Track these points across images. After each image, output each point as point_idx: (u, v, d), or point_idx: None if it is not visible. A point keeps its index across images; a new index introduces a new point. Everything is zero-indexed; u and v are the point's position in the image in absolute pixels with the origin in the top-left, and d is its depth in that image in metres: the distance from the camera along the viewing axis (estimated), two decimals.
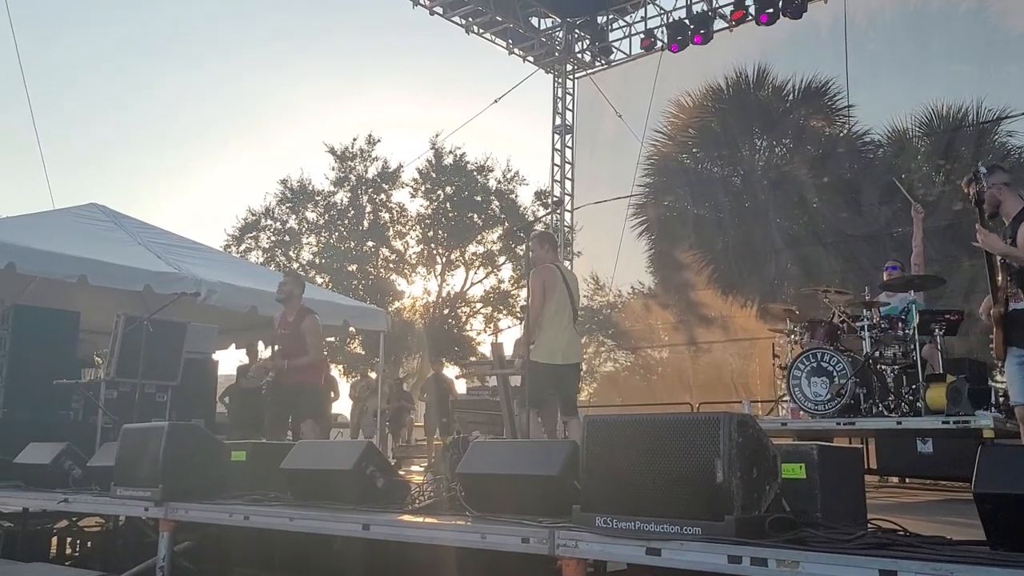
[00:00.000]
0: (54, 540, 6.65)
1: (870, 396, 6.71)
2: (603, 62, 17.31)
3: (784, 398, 7.40)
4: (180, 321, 7.79)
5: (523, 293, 23.45)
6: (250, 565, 4.61)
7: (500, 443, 5.08)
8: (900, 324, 6.82)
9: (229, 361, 19.19)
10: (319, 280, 21.48)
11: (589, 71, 17.40)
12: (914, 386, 6.56)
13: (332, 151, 23.56)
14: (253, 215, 23.61)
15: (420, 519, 3.50)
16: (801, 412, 6.99)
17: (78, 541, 6.67)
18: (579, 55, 17.49)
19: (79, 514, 5.96)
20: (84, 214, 9.60)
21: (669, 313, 15.86)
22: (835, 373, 6.81)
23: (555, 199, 17.30)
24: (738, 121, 15.50)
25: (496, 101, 16.86)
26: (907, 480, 8.66)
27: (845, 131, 14.28)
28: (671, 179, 16.32)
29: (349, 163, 23.58)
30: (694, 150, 16.31)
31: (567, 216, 17.30)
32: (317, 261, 23.33)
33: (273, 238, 23.68)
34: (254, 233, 23.58)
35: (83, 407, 7.57)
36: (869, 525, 3.02)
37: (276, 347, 7.11)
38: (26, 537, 6.07)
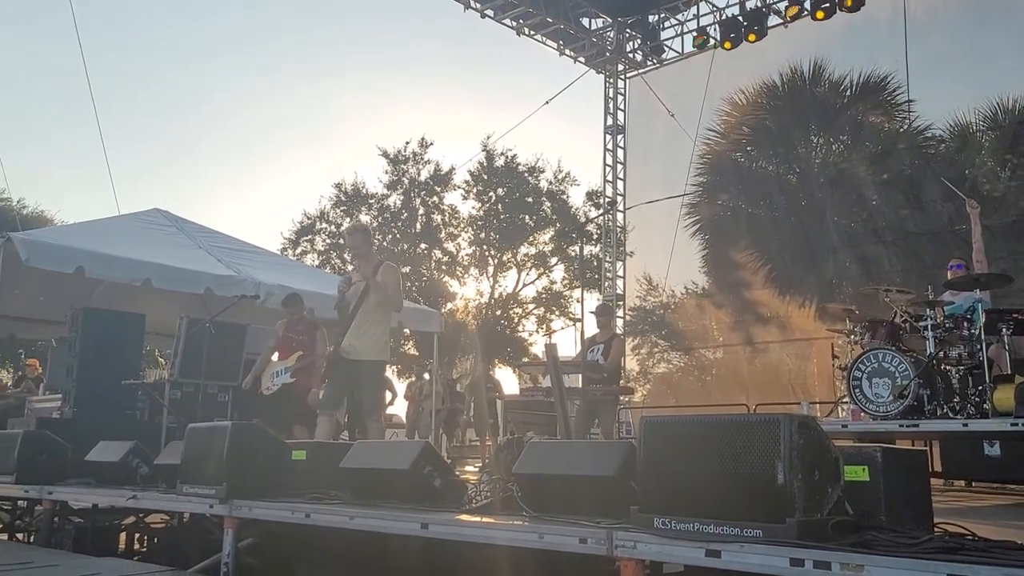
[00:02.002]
0: (122, 536, 6.86)
1: (934, 397, 6.54)
2: (655, 61, 17.19)
3: (844, 399, 7.26)
4: (240, 323, 7.97)
5: (576, 294, 23.48)
6: (310, 562, 4.69)
7: (556, 443, 5.08)
8: (965, 324, 6.63)
9: None
10: None
11: (641, 71, 17.30)
12: (980, 387, 6.38)
13: (385, 155, 23.86)
14: (308, 219, 24.03)
15: (478, 519, 3.52)
16: (862, 414, 6.84)
17: (145, 537, 6.86)
18: (630, 55, 17.40)
19: (146, 510, 6.12)
20: (148, 219, 9.87)
21: (724, 313, 15.68)
22: (897, 374, 6.65)
23: (607, 199, 17.23)
24: (794, 118, 15.26)
25: (547, 103, 16.89)
26: (973, 484, 8.42)
27: (905, 126, 13.96)
28: (725, 178, 16.14)
29: (402, 166, 23.84)
30: (748, 148, 16.10)
31: (619, 216, 17.22)
32: None
33: (328, 241, 24.08)
34: (309, 236, 24.01)
35: (149, 407, 7.79)
36: (936, 529, 2.95)
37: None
38: (96, 532, 6.26)
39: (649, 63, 17.27)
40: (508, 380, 27.35)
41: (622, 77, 17.48)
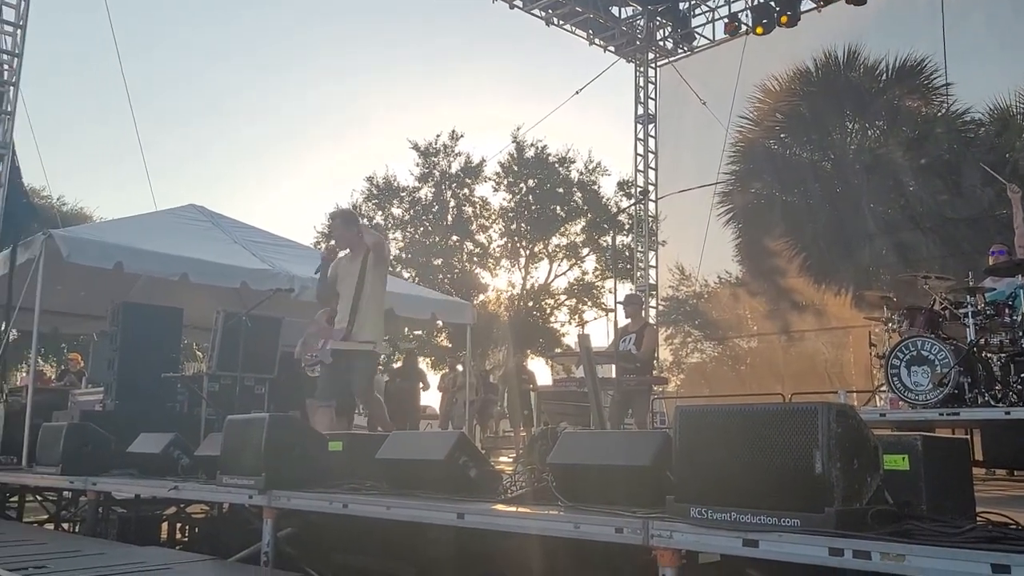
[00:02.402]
0: (164, 526, 6.99)
1: (975, 385, 6.44)
2: (685, 49, 17.04)
3: (882, 388, 7.17)
4: (276, 316, 8.05)
5: (608, 284, 23.43)
6: (348, 551, 4.74)
7: (591, 434, 5.08)
8: (1007, 310, 6.52)
9: None
10: (405, 275, 21.86)
11: (671, 59, 17.15)
12: (1023, 375, 6.27)
13: (416, 147, 23.93)
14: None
15: (513, 509, 3.53)
16: (900, 402, 6.76)
17: (186, 527, 6.98)
18: (661, 43, 17.26)
19: (187, 501, 6.24)
20: (184, 215, 10.00)
21: (758, 302, 15.54)
22: (937, 362, 6.55)
23: (639, 189, 17.14)
24: (828, 104, 15.04)
25: (577, 92, 16.80)
26: (1015, 472, 8.28)
27: (943, 110, 13.69)
28: (758, 165, 15.96)
29: (433, 159, 23.90)
30: (782, 135, 15.91)
31: (651, 206, 17.13)
32: (403, 256, 23.74)
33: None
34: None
35: (187, 399, 7.91)
36: (978, 518, 2.91)
37: None
38: (139, 522, 6.39)
39: (680, 51, 17.13)
40: (541, 371, 27.36)
41: (652, 66, 17.35)
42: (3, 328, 8.47)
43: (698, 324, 17.47)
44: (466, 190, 24.10)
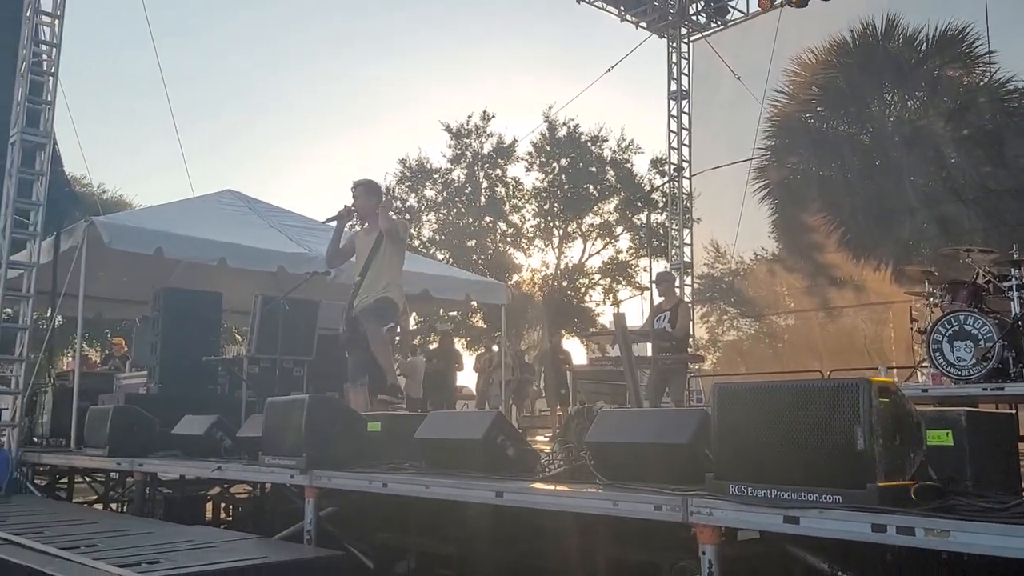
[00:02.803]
0: (208, 506, 7.14)
1: (1020, 359, 6.32)
2: (719, 23, 16.75)
3: (924, 364, 7.06)
4: (313, 299, 8.13)
5: (642, 263, 23.30)
6: (388, 530, 4.80)
7: (629, 412, 5.08)
8: None
9: None
10: (439, 256, 21.94)
11: (704, 33, 16.88)
12: None
13: (448, 129, 23.93)
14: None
15: (551, 487, 3.55)
16: (943, 378, 6.65)
17: (230, 507, 7.12)
18: (693, 17, 16.98)
19: (230, 481, 6.36)
20: (221, 200, 10.13)
21: (795, 278, 15.34)
22: (980, 336, 6.43)
23: (673, 166, 16.96)
24: (866, 76, 14.72)
25: (609, 70, 16.62)
26: None
27: (985, 80, 13.32)
28: (794, 140, 15.70)
29: (465, 140, 23.89)
30: (818, 109, 15.62)
31: (685, 183, 16.96)
32: (437, 238, 23.81)
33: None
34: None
35: (228, 381, 8.02)
36: None
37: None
38: (184, 502, 6.54)
39: (713, 25, 16.85)
40: (576, 350, 27.35)
41: (685, 41, 17.09)
42: (49, 314, 8.66)
43: (734, 302, 17.30)
44: (498, 171, 24.07)
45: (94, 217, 8.10)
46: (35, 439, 8.17)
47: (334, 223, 6.46)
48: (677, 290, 10.86)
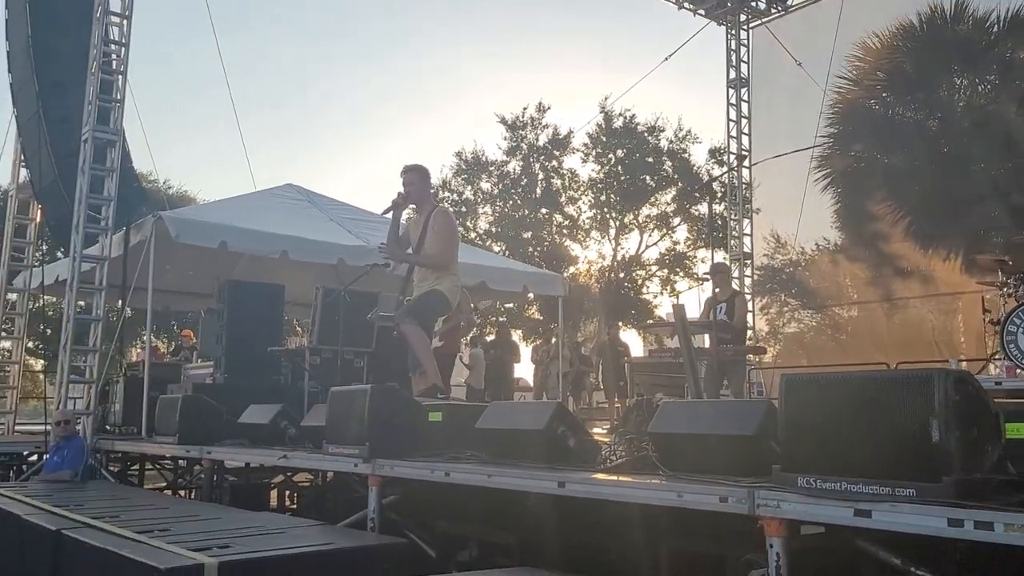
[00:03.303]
0: (272, 493, 7.30)
1: None
2: (779, 9, 16.43)
3: (997, 356, 6.85)
4: (372, 291, 8.22)
5: (700, 254, 23.01)
6: (448, 518, 4.84)
7: (692, 403, 5.03)
8: None
9: None
10: (496, 248, 21.99)
11: (764, 19, 16.58)
12: None
13: (503, 121, 23.94)
14: (431, 188, 24.45)
15: (614, 477, 3.54)
16: (1018, 370, 6.44)
17: (293, 494, 7.27)
18: (753, 3, 16.69)
19: (295, 469, 6.49)
20: (282, 194, 10.31)
21: (859, 269, 14.98)
22: None
23: (735, 155, 16.70)
24: (934, 60, 14.27)
25: (667, 59, 16.44)
26: None
27: None
28: (858, 127, 15.31)
29: (520, 132, 23.88)
30: (883, 95, 15.20)
31: (744, 172, 16.69)
32: (493, 230, 23.88)
33: (452, 210, 24.47)
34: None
35: (291, 372, 8.17)
36: None
37: None
38: (249, 489, 6.69)
39: (773, 11, 16.53)
40: (633, 342, 27.17)
41: (744, 28, 16.81)
42: (120, 306, 8.92)
43: (795, 293, 16.98)
44: (554, 162, 24.01)
45: (162, 212, 8.31)
46: (107, 427, 8.44)
47: (390, 215, 6.47)
48: (734, 281, 10.71)
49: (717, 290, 8.56)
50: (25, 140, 10.56)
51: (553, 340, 14.27)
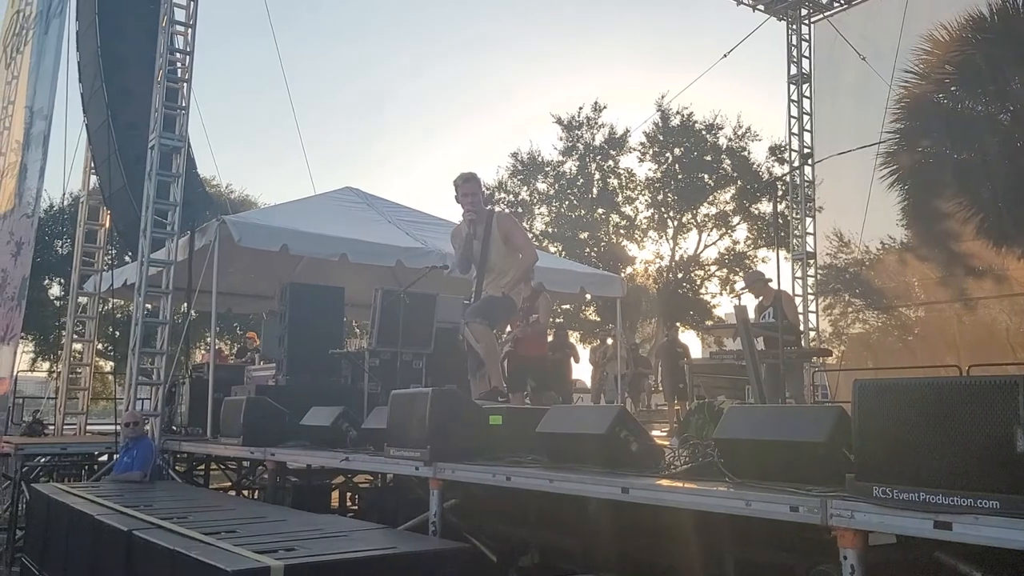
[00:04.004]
0: (334, 494, 7.37)
1: None
2: (842, 2, 16.05)
3: None
4: (431, 293, 8.26)
5: (760, 253, 22.61)
6: (508, 522, 4.82)
7: (760, 408, 4.92)
8: None
9: None
10: (552, 249, 21.94)
11: (827, 13, 16.20)
12: None
13: (559, 121, 23.91)
14: (487, 189, 24.54)
15: (679, 484, 3.47)
16: None
17: (355, 496, 7.32)
18: None
19: (356, 471, 6.53)
20: (341, 197, 10.44)
21: (928, 268, 14.52)
22: None
23: (797, 153, 16.36)
24: (1006, 51, 13.75)
25: (726, 55, 16.17)
26: None
27: None
28: (926, 122, 14.85)
29: (576, 132, 23.81)
30: (952, 88, 14.71)
31: (807, 170, 16.34)
32: (550, 231, 23.83)
33: (508, 211, 24.51)
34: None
35: (351, 373, 8.25)
36: None
37: None
38: (312, 490, 6.76)
39: (836, 4, 16.14)
40: (692, 343, 26.86)
41: (806, 22, 16.46)
42: (185, 309, 9.12)
43: (859, 293, 16.54)
44: (611, 162, 23.88)
45: (225, 216, 8.48)
46: (173, 428, 8.63)
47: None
48: (781, 283, 10.50)
49: (760, 297, 8.50)
50: (95, 148, 10.87)
51: (610, 341, 14.17)
